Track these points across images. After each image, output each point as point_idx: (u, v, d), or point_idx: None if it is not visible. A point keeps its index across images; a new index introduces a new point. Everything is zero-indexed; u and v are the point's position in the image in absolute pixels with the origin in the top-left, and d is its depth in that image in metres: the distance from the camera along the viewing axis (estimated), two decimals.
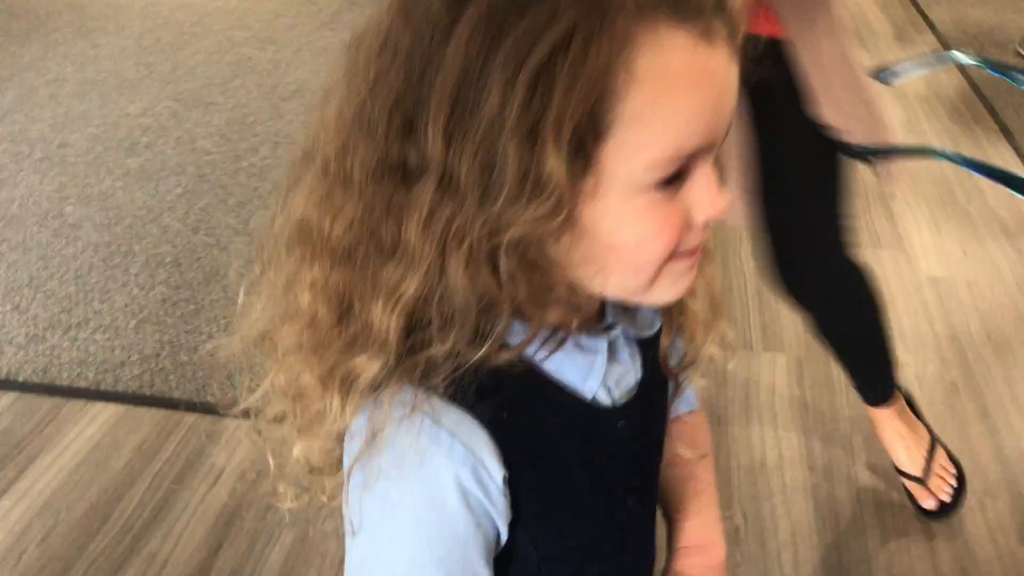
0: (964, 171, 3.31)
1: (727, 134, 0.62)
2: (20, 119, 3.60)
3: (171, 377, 2.31)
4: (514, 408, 0.65)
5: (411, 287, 0.60)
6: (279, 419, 0.72)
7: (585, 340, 0.69)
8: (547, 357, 0.66)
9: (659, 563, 0.89)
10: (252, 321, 0.71)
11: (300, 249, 0.65)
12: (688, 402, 0.95)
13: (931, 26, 4.62)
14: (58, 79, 3.94)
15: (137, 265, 2.75)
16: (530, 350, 0.65)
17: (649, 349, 0.77)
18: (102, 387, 2.28)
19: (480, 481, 0.64)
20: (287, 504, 0.77)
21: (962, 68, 4.12)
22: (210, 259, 2.76)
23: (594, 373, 0.69)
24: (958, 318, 2.56)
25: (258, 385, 0.72)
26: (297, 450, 0.72)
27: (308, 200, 0.64)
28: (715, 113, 0.59)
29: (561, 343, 0.66)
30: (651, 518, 0.85)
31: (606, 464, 0.73)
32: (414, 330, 0.62)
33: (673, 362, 0.81)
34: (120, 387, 2.28)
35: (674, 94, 0.57)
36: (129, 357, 2.38)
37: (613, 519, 0.76)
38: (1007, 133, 3.53)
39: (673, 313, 0.79)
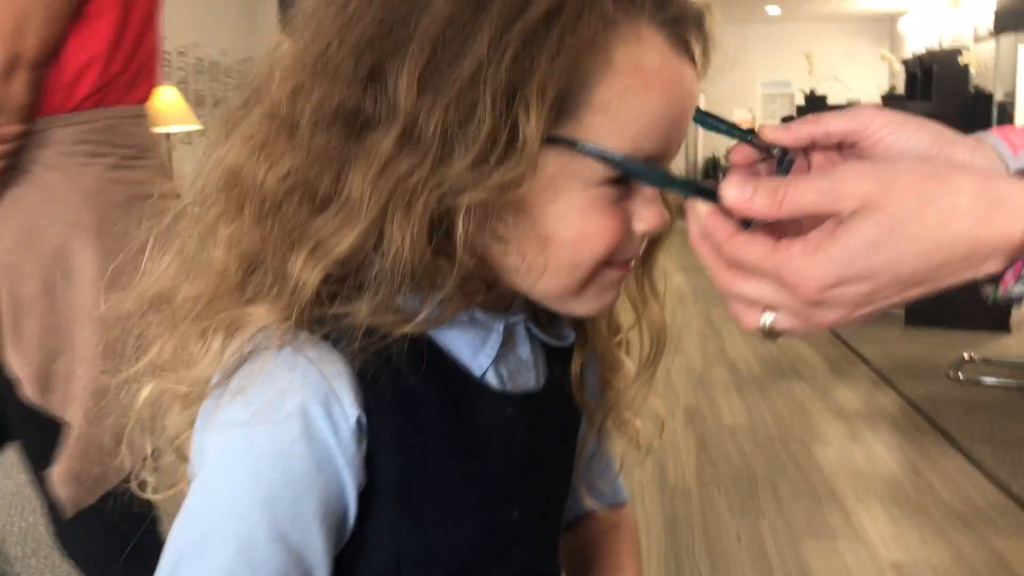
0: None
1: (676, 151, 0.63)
2: None
3: None
4: (388, 358, 0.59)
5: (345, 243, 0.56)
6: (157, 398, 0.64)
7: (480, 315, 0.65)
8: (436, 325, 0.62)
9: None
10: (154, 277, 0.64)
11: (224, 199, 0.61)
12: (615, 491, 0.87)
13: (864, 360, 4.81)
14: None
15: None
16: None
17: (556, 363, 0.72)
18: None
19: (330, 414, 0.57)
20: (148, 494, 0.68)
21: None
22: None
23: (486, 350, 0.64)
24: None
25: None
26: (148, 390, 0.63)
27: (244, 146, 0.60)
28: (676, 123, 0.59)
29: (454, 313, 0.62)
30: (546, 556, 0.74)
31: (485, 453, 0.64)
32: (321, 284, 0.58)
33: (590, 399, 0.76)
34: None
35: (644, 92, 0.57)
36: None
37: (490, 527, 0.66)
38: (951, 440, 3.55)
39: (589, 338, 0.75)
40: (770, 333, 0.55)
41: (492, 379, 0.65)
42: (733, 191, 0.53)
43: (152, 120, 1.56)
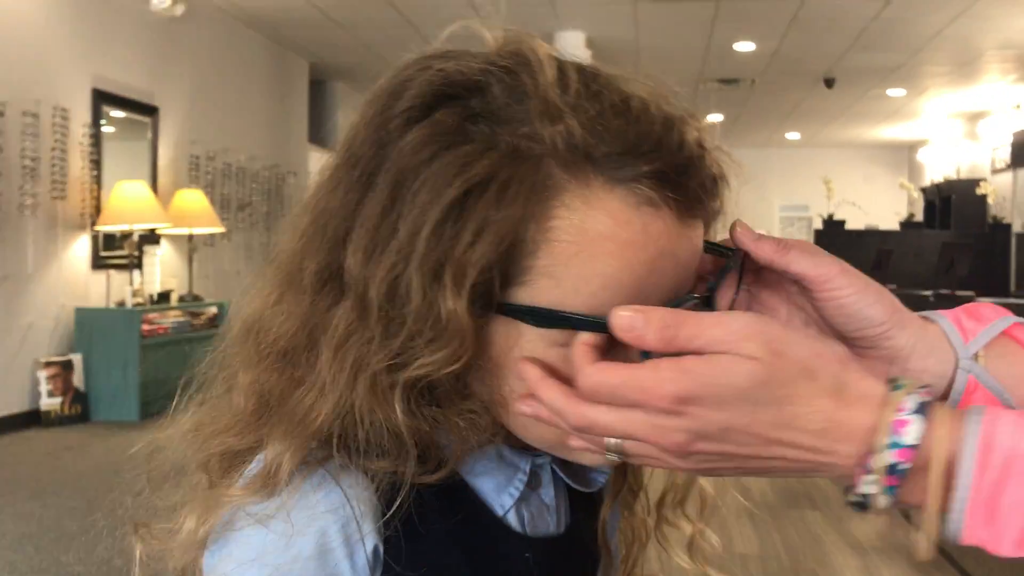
0: None
1: (684, 294, 0.60)
2: None
3: None
4: (414, 489, 0.59)
5: (321, 414, 0.57)
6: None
7: (508, 453, 0.64)
8: (463, 460, 0.61)
9: None
10: (189, 416, 0.66)
11: (244, 349, 0.63)
12: None
13: None
14: None
15: None
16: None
17: (581, 508, 0.70)
18: None
19: (347, 540, 0.57)
20: None
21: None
22: None
23: (510, 489, 0.64)
24: None
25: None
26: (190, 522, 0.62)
27: (264, 301, 0.63)
28: (645, 280, 0.56)
29: (481, 447, 0.61)
30: None
31: None
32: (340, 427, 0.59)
33: (612, 544, 0.75)
34: None
35: (591, 258, 0.55)
36: None
37: None
38: None
39: (620, 485, 0.73)
40: (622, 455, 0.55)
41: (513, 520, 0.64)
42: (624, 320, 0.52)
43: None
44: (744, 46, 8.85)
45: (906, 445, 0.50)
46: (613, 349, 0.55)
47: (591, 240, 0.55)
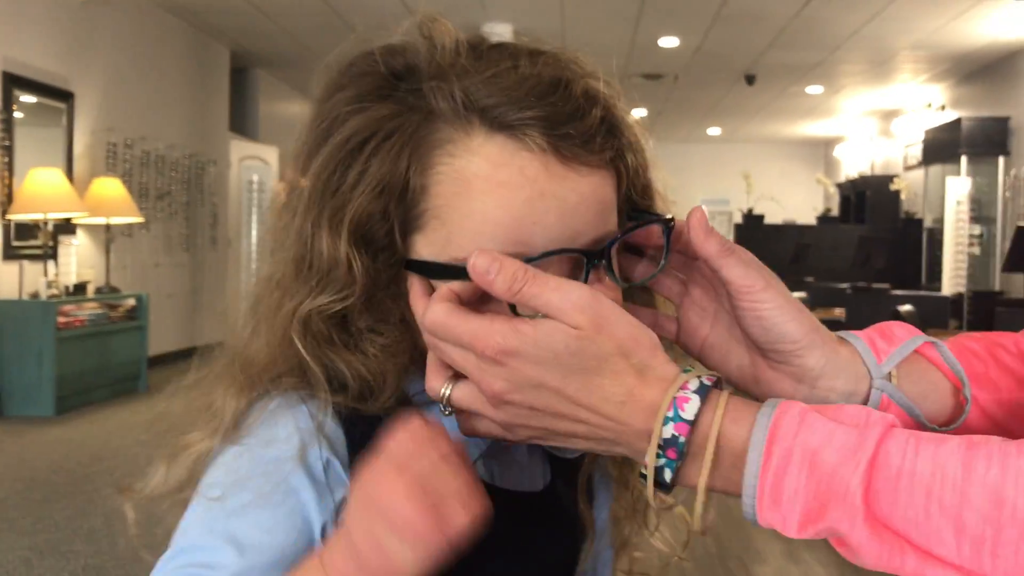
0: None
1: (580, 249, 0.62)
2: None
3: None
4: (380, 423, 0.63)
5: (259, 357, 0.65)
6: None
7: None
8: (428, 402, 0.66)
9: None
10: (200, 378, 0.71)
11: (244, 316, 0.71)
12: None
13: None
14: None
15: None
16: (419, 394, 0.66)
17: (562, 475, 0.73)
18: None
19: (306, 456, 0.62)
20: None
21: None
22: None
23: (478, 442, 0.67)
24: None
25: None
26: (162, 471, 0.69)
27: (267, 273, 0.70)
28: (524, 219, 0.60)
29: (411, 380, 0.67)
30: None
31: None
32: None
33: (599, 519, 0.77)
34: None
35: (468, 197, 0.60)
36: None
37: None
38: None
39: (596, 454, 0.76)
40: (449, 403, 0.61)
41: (481, 471, 0.67)
42: (480, 263, 0.58)
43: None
44: (668, 41, 8.96)
45: (683, 420, 0.55)
46: (485, 299, 0.61)
47: (467, 181, 0.60)
